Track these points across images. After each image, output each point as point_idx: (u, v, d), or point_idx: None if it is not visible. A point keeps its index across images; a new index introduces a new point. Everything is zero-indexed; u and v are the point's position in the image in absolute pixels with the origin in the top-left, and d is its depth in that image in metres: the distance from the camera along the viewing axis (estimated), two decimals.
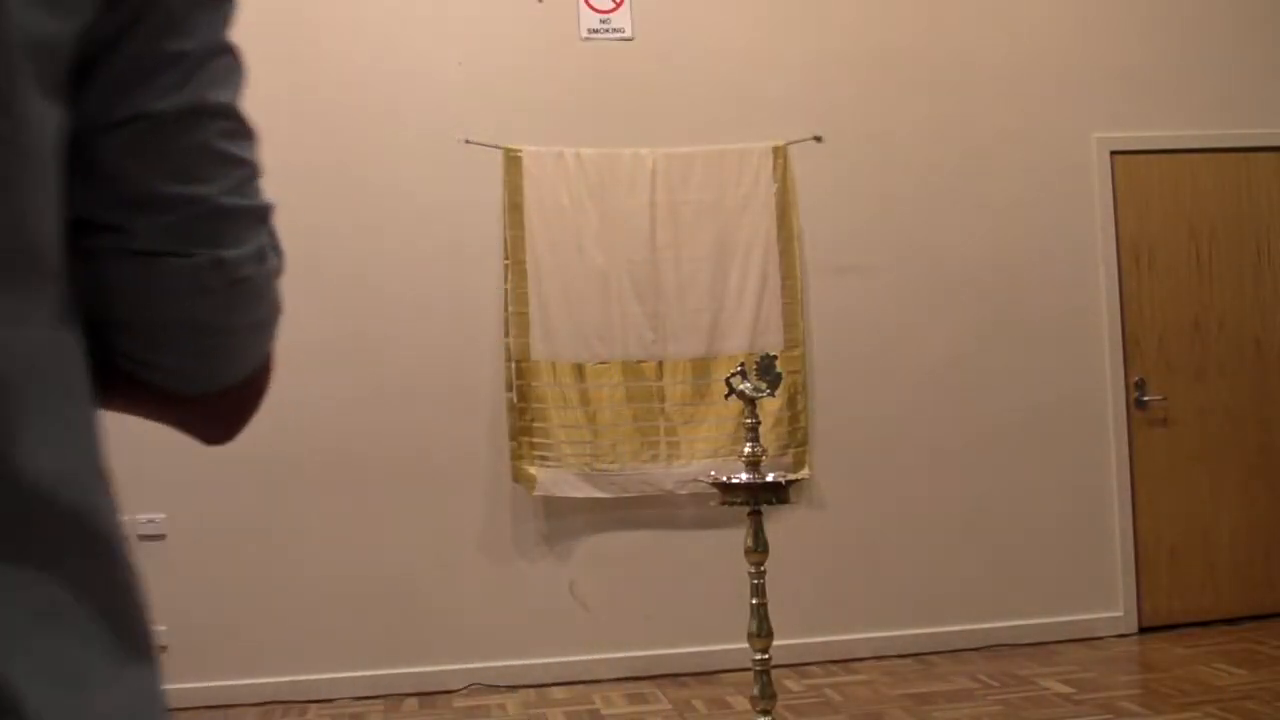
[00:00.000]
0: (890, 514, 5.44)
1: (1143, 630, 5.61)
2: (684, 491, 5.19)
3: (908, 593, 5.44)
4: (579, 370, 5.22)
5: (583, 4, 5.41)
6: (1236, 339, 5.81)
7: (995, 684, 4.91)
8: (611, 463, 5.21)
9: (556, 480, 5.18)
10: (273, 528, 5.09)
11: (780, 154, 5.39)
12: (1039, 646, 5.41)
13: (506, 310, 5.18)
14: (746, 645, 3.82)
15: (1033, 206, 5.67)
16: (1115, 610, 5.62)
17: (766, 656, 3.80)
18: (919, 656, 5.34)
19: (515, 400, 5.14)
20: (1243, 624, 5.58)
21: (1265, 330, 5.85)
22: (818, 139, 5.42)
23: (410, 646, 5.15)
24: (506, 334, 5.17)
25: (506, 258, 5.20)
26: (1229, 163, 5.83)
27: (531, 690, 5.10)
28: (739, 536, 3.90)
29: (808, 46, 5.53)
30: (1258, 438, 5.80)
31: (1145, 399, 5.69)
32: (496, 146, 5.22)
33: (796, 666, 5.13)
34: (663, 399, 5.26)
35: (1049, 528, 5.59)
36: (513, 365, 5.15)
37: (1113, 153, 5.70)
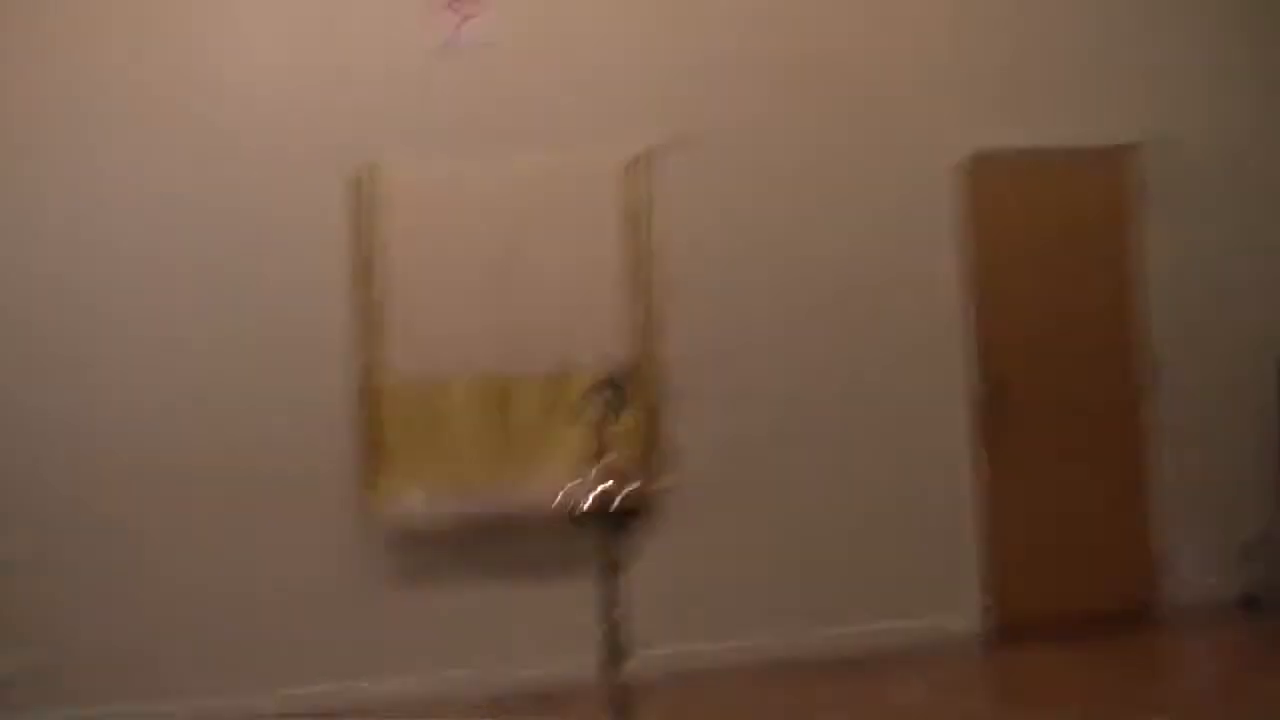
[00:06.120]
0: (747, 525, 5.44)
1: (997, 633, 5.67)
2: (538, 511, 5.07)
3: (762, 602, 5.46)
4: (433, 386, 5.08)
5: (442, 13, 5.27)
6: (1090, 339, 5.91)
7: (848, 693, 4.89)
8: (466, 481, 5.09)
9: (410, 498, 5.06)
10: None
11: (642, 165, 5.30)
12: (894, 651, 5.43)
13: (359, 326, 5.05)
14: (599, 668, 3.75)
15: (892, 211, 5.70)
16: (970, 612, 5.68)
17: (624, 677, 3.73)
18: (778, 665, 5.31)
19: (367, 417, 5.00)
20: (1098, 623, 5.66)
21: (1119, 330, 5.95)
22: (681, 149, 5.34)
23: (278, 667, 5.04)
24: (359, 350, 5.03)
25: (360, 272, 5.05)
26: (1084, 164, 5.91)
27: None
28: (593, 552, 3.81)
29: (675, 55, 5.50)
30: (1112, 437, 5.91)
31: (1000, 400, 5.76)
32: (353, 158, 5.11)
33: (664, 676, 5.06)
34: (517, 416, 5.14)
35: (905, 530, 5.62)
36: (364, 382, 5.02)
37: (970, 157, 5.74)
